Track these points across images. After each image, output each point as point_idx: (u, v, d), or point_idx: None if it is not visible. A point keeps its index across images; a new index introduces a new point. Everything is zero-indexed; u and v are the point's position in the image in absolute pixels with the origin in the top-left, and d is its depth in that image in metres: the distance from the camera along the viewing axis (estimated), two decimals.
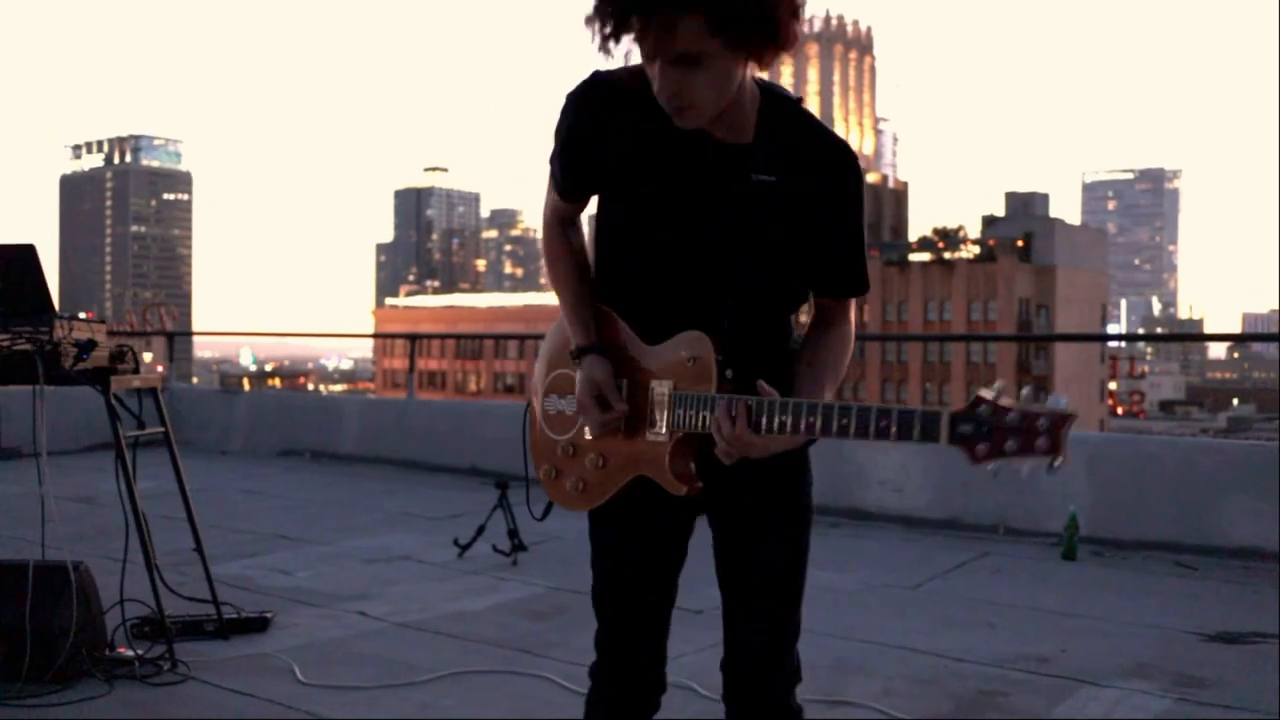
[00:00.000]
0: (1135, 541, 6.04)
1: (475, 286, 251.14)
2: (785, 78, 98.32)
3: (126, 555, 4.03)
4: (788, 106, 1.99)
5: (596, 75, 2.01)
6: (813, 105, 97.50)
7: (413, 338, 10.03)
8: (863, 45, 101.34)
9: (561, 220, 2.15)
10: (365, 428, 9.83)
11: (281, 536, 6.47)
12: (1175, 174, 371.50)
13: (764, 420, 1.84)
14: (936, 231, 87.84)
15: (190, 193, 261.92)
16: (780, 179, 1.94)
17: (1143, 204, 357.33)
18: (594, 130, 1.99)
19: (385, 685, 3.84)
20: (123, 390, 4.12)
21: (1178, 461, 6.11)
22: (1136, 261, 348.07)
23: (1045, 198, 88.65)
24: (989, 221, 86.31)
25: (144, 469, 4.19)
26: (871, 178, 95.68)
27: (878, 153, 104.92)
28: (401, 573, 5.62)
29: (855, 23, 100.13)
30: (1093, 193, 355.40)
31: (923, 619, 4.79)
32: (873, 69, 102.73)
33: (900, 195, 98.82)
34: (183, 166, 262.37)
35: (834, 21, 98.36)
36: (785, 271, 2.01)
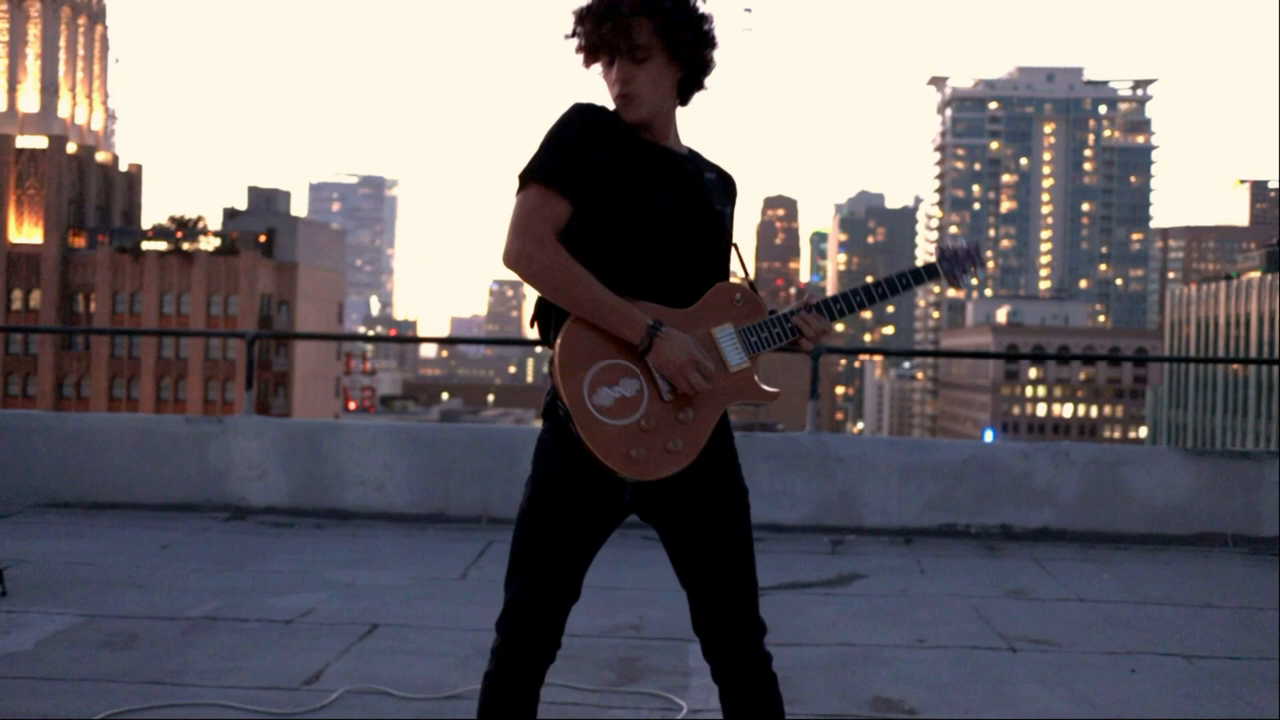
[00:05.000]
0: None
1: None
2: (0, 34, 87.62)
3: None
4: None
5: (582, 104, 2.35)
6: (34, 69, 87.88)
7: None
8: (94, 13, 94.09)
9: (558, 232, 2.27)
10: None
11: None
12: (394, 183, 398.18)
13: (831, 310, 2.43)
14: (174, 220, 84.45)
15: None
16: (715, 177, 2.47)
17: (365, 208, 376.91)
18: (594, 136, 2.31)
19: None
20: None
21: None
22: (359, 262, 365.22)
23: (287, 195, 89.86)
24: (231, 214, 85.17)
25: None
26: (101, 157, 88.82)
27: (107, 130, 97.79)
28: None
29: None
30: (319, 193, 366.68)
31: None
32: (104, 40, 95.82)
33: (133, 178, 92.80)
34: None
35: None
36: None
